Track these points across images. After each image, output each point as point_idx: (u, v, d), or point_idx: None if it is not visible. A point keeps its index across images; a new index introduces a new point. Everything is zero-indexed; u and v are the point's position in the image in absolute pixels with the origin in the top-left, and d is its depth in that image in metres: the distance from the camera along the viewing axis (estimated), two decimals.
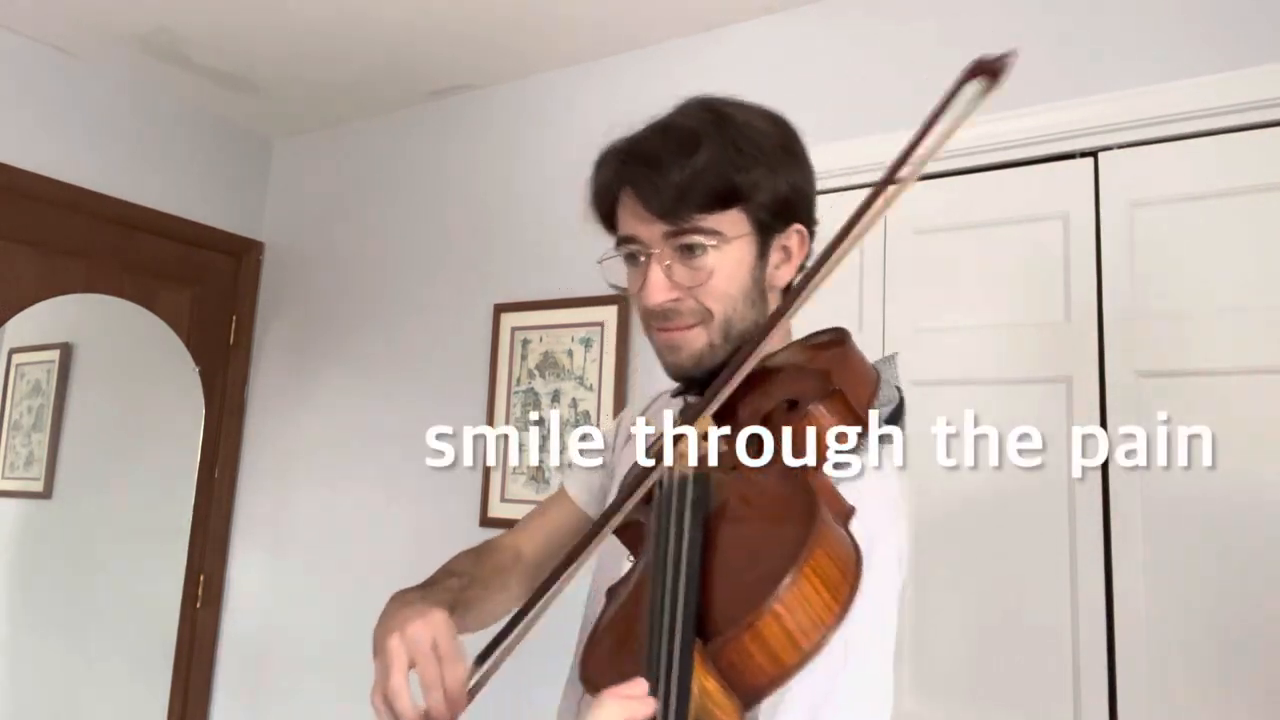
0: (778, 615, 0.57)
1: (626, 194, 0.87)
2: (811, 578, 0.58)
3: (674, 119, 0.89)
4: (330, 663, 2.54)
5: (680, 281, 0.85)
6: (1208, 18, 1.63)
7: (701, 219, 0.83)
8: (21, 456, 2.69)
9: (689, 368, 0.87)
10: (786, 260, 0.91)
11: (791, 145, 0.92)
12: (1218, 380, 1.55)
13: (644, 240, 0.86)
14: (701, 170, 0.81)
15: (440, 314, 2.55)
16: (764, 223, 0.87)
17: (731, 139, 0.84)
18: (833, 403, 0.74)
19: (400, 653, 0.75)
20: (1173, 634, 1.52)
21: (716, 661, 0.58)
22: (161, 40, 2.40)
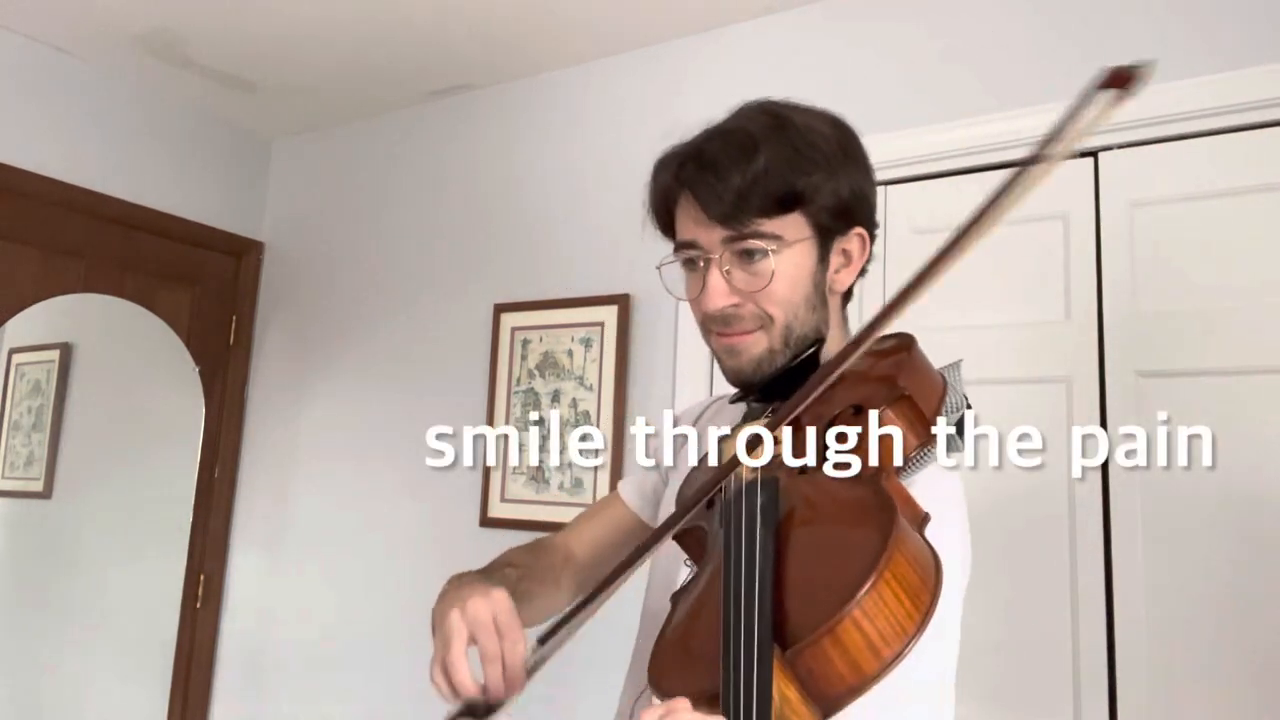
0: (858, 621, 0.56)
1: (685, 198, 0.87)
2: (892, 583, 0.57)
3: (733, 123, 0.88)
4: (330, 662, 2.54)
5: (740, 286, 0.84)
6: (1207, 18, 1.63)
7: (761, 223, 0.82)
8: (21, 456, 2.69)
9: (749, 373, 0.86)
10: (847, 264, 0.90)
11: (851, 148, 0.90)
12: (1218, 380, 1.55)
13: (703, 245, 0.85)
14: (761, 174, 0.81)
15: (440, 314, 2.54)
16: (825, 226, 0.86)
17: (791, 142, 0.84)
18: (900, 408, 0.73)
19: (461, 627, 0.74)
20: (1173, 634, 1.52)
21: (795, 669, 0.57)
22: (162, 40, 2.40)
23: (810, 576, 0.62)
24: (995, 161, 1.80)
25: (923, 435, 0.74)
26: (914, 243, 1.87)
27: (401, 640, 2.40)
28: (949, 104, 1.86)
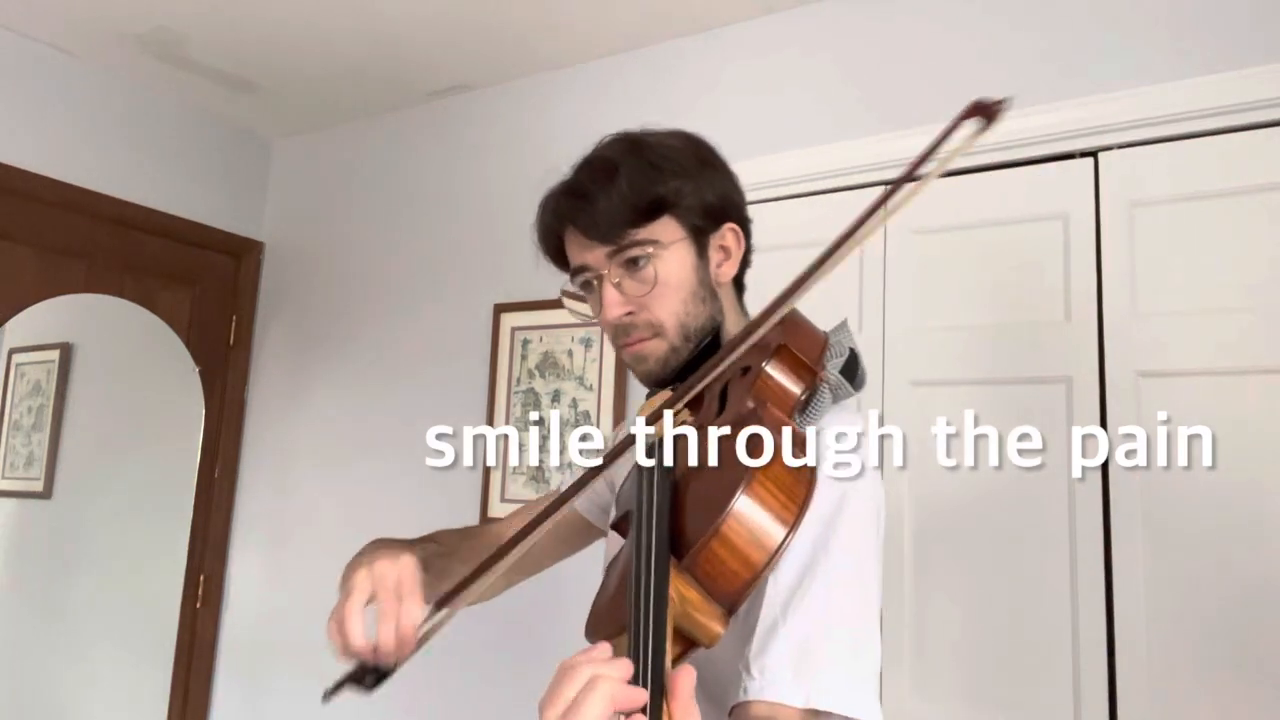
0: (739, 517, 0.64)
1: (569, 230, 0.95)
2: (765, 482, 0.66)
3: (594, 153, 0.97)
4: (330, 662, 2.53)
5: (632, 294, 0.92)
6: (1207, 18, 1.63)
7: (635, 232, 0.90)
8: (21, 456, 2.69)
9: (658, 373, 0.94)
10: (727, 258, 0.99)
11: (706, 156, 0.98)
12: (1218, 380, 1.55)
13: (592, 265, 0.93)
14: (625, 190, 0.89)
15: (440, 314, 2.55)
16: (696, 226, 0.94)
17: (646, 158, 0.92)
18: (780, 357, 0.82)
19: (364, 584, 0.78)
20: (1173, 634, 1.52)
21: (693, 573, 0.64)
22: (161, 40, 2.40)
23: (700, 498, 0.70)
24: (995, 161, 1.80)
25: (808, 379, 0.82)
26: (914, 243, 1.87)
27: None
28: (948, 104, 1.85)
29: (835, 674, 0.72)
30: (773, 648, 0.72)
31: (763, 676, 0.70)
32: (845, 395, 0.86)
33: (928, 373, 1.81)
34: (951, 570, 1.73)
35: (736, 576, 0.64)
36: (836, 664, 0.73)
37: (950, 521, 1.74)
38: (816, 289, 0.92)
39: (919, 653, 1.73)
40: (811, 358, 0.83)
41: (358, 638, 0.76)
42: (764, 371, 0.82)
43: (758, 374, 0.82)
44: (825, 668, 0.72)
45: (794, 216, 2.01)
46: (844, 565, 0.77)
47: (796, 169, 1.98)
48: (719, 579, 0.64)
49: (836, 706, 0.70)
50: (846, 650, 0.74)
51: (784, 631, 0.72)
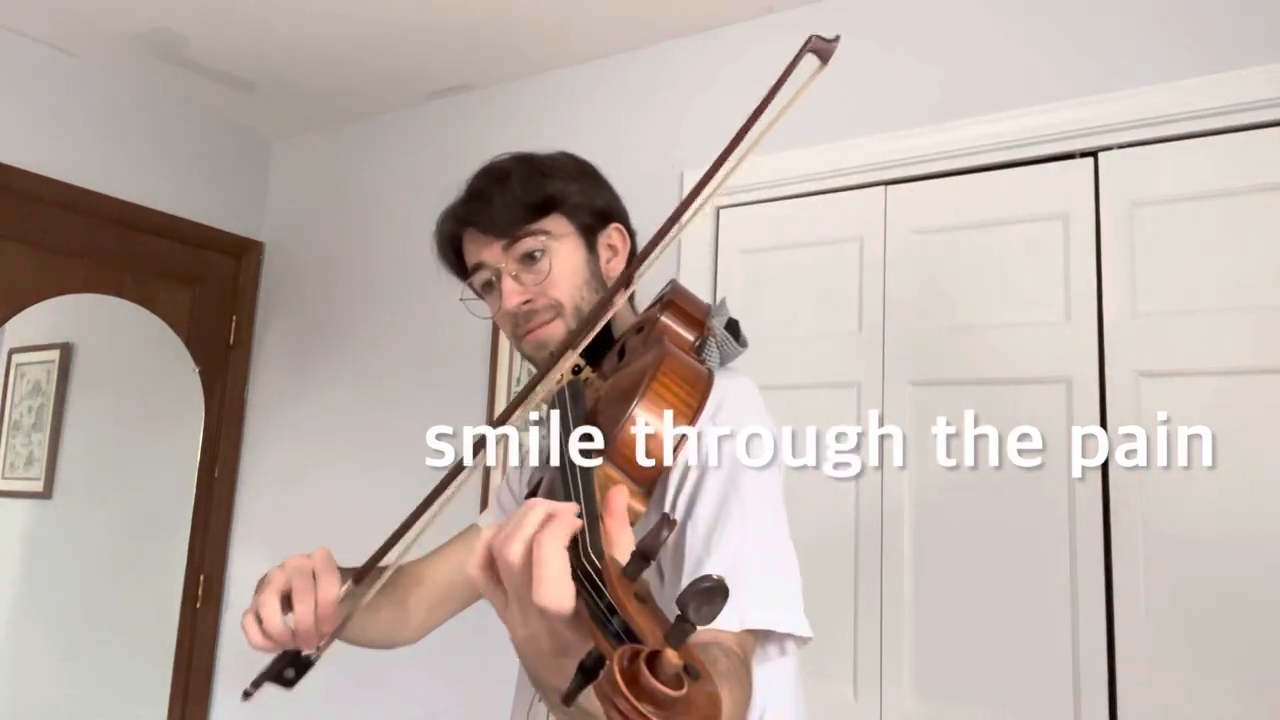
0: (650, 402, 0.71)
1: (468, 233, 1.04)
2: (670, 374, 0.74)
3: (487, 166, 1.07)
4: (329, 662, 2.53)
5: (528, 283, 1.00)
6: (1207, 18, 1.63)
7: (529, 226, 0.99)
8: (21, 456, 2.69)
9: None
10: (615, 255, 1.07)
11: (589, 169, 1.10)
12: (1218, 380, 1.55)
13: (490, 261, 1.01)
14: (516, 190, 1.00)
15: (440, 314, 2.54)
16: (585, 223, 1.03)
17: (535, 165, 1.05)
18: (672, 310, 0.92)
19: (277, 577, 0.81)
20: (1173, 634, 1.52)
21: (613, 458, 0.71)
22: (161, 40, 2.40)
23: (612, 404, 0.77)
24: (995, 161, 1.80)
25: (697, 330, 0.91)
26: (914, 243, 1.87)
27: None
28: (949, 104, 1.86)
29: (763, 595, 0.77)
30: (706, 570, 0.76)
31: None
32: (732, 353, 0.93)
33: (928, 373, 1.81)
34: (951, 570, 1.73)
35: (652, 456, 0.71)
36: (762, 586, 0.78)
37: (950, 521, 1.74)
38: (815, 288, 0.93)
39: (919, 651, 1.73)
40: (700, 313, 0.93)
41: (274, 619, 0.78)
42: (659, 320, 0.91)
43: (654, 323, 0.91)
44: (753, 591, 0.76)
45: (794, 216, 2.02)
46: (755, 496, 0.82)
47: (796, 169, 1.98)
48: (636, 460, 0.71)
49: (768, 623, 0.76)
50: (770, 573, 0.80)
51: (709, 565, 0.77)
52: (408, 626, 1.10)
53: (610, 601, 0.48)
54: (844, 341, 1.90)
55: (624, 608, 0.46)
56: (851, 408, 1.87)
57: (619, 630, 0.46)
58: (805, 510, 1.86)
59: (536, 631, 0.52)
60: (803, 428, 1.99)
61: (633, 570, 0.49)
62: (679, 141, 2.18)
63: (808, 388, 1.92)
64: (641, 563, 0.49)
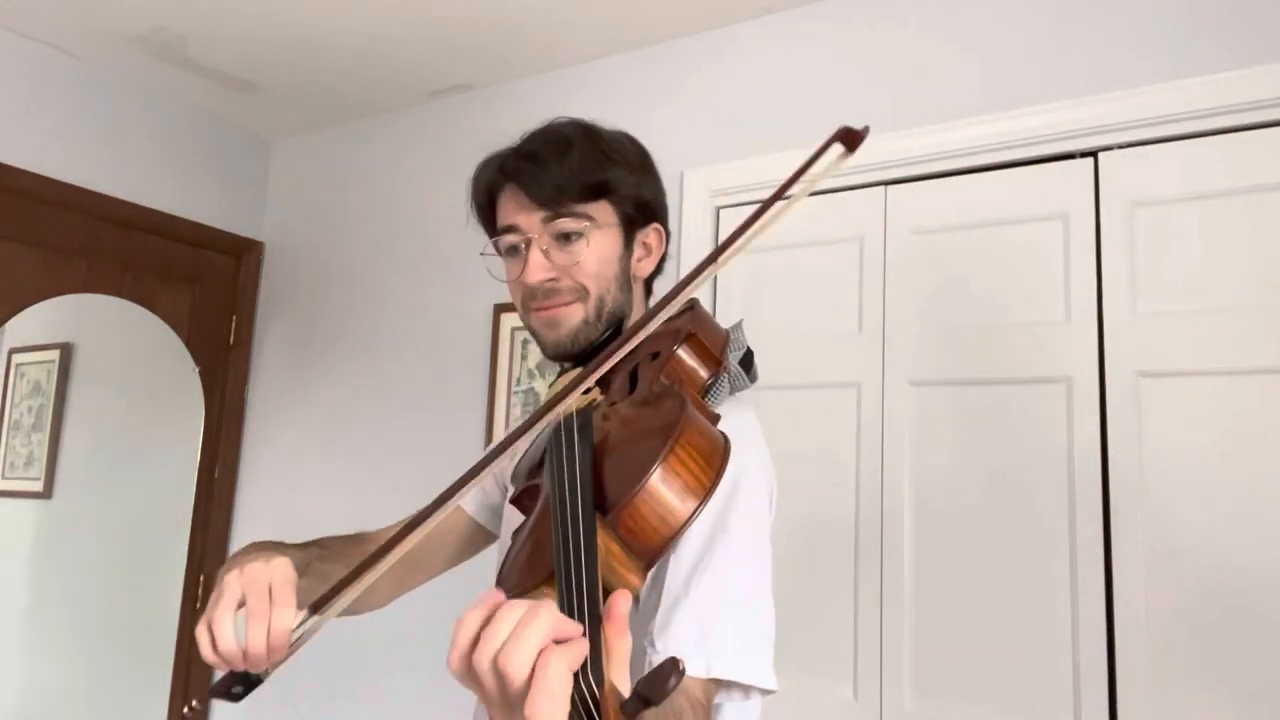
0: (663, 478, 0.67)
1: (509, 189, 0.98)
2: (687, 447, 0.69)
3: (549, 126, 1.00)
4: (329, 662, 2.54)
5: (557, 263, 0.95)
6: (1208, 18, 1.63)
7: (575, 207, 0.94)
8: (21, 456, 2.69)
9: (566, 344, 0.97)
10: (648, 254, 1.03)
11: (647, 160, 1.04)
12: (1218, 380, 1.55)
13: (524, 228, 0.96)
14: (575, 165, 0.94)
15: (440, 314, 2.55)
16: (629, 216, 0.99)
17: (598, 144, 0.98)
18: (690, 344, 0.88)
19: (235, 587, 0.77)
20: (1173, 634, 1.52)
21: (616, 529, 0.66)
22: (161, 40, 2.40)
23: (623, 461, 0.73)
24: (995, 161, 1.80)
25: (712, 367, 0.88)
26: (914, 243, 1.87)
27: (401, 640, 2.40)
28: (949, 104, 1.86)
29: (734, 644, 0.76)
30: (675, 622, 0.76)
31: (667, 649, 0.74)
32: (741, 387, 0.91)
33: (928, 373, 1.81)
34: (951, 570, 1.73)
35: (656, 533, 0.67)
36: (735, 635, 0.77)
37: (950, 521, 1.74)
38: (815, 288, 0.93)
39: (919, 651, 1.73)
40: (717, 347, 0.89)
41: (227, 641, 0.75)
42: (675, 355, 0.87)
43: (669, 356, 0.86)
44: (725, 639, 0.76)
45: (794, 216, 2.01)
46: (741, 542, 0.81)
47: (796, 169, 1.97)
48: (640, 535, 0.67)
49: (734, 674, 0.75)
50: (744, 622, 0.79)
51: (686, 606, 0.76)
52: (374, 597, 1.09)
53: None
54: (844, 341, 1.90)
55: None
56: (851, 408, 1.87)
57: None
58: (806, 510, 1.87)
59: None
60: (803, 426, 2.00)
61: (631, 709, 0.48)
62: (679, 142, 2.18)
63: (808, 388, 1.92)
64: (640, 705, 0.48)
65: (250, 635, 0.75)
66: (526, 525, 0.81)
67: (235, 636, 0.75)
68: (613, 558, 0.66)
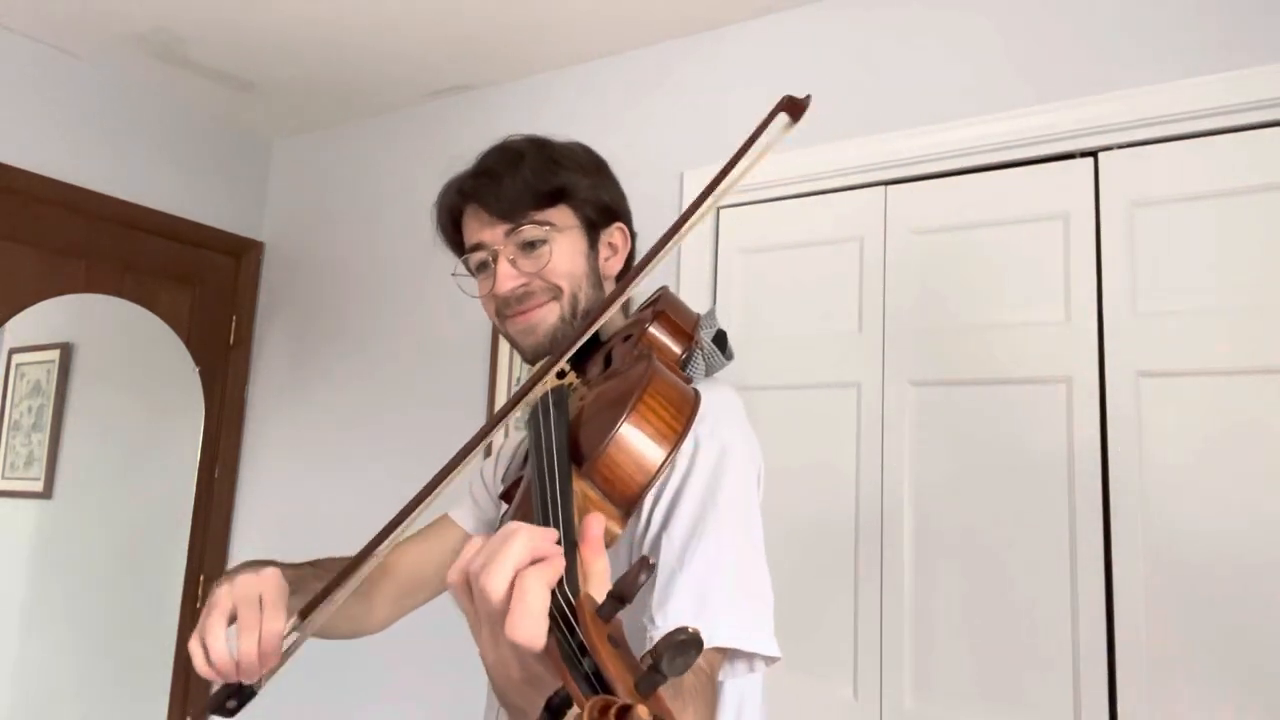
0: (635, 424, 0.70)
1: (470, 208, 1.02)
2: (656, 395, 0.72)
3: (501, 143, 1.05)
4: (329, 663, 2.53)
5: (525, 269, 0.98)
6: (1208, 18, 1.63)
7: (534, 214, 0.98)
8: (21, 456, 2.69)
9: (546, 346, 0.98)
10: (614, 253, 1.05)
11: (602, 165, 1.07)
12: (1218, 380, 1.55)
13: (489, 242, 0.99)
14: (529, 175, 0.98)
15: (440, 314, 2.54)
16: (589, 219, 1.01)
17: (550, 153, 1.01)
18: (661, 321, 0.91)
19: (225, 600, 0.78)
20: (1173, 634, 1.52)
21: (592, 478, 0.69)
22: (161, 40, 2.40)
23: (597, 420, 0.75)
24: (995, 161, 1.80)
25: (684, 342, 0.91)
26: (914, 243, 1.87)
27: (401, 640, 2.40)
28: (949, 104, 1.86)
29: (733, 613, 0.77)
30: (673, 596, 0.76)
31: (666, 623, 0.75)
32: (718, 366, 0.93)
33: (928, 373, 1.81)
34: (951, 570, 1.73)
35: (632, 480, 0.69)
36: (733, 604, 0.77)
37: (950, 521, 1.74)
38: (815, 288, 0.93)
39: (919, 651, 1.73)
40: (688, 325, 0.92)
41: (220, 653, 0.76)
42: (647, 331, 0.89)
43: (641, 333, 0.89)
44: (723, 608, 0.76)
45: (794, 216, 2.02)
46: (731, 514, 0.81)
47: (796, 169, 1.98)
48: (616, 483, 0.69)
49: (737, 642, 0.75)
50: (741, 591, 0.79)
51: (682, 580, 0.76)
52: (373, 618, 1.10)
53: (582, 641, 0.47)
54: (844, 341, 1.90)
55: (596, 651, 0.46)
56: (851, 408, 1.87)
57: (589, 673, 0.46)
58: (806, 511, 1.87)
59: (506, 658, 0.52)
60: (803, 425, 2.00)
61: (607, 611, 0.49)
62: (679, 141, 2.18)
63: (808, 388, 1.92)
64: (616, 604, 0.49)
65: (241, 644, 0.76)
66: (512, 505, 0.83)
67: (228, 648, 0.75)
68: (590, 503, 0.67)
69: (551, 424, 0.76)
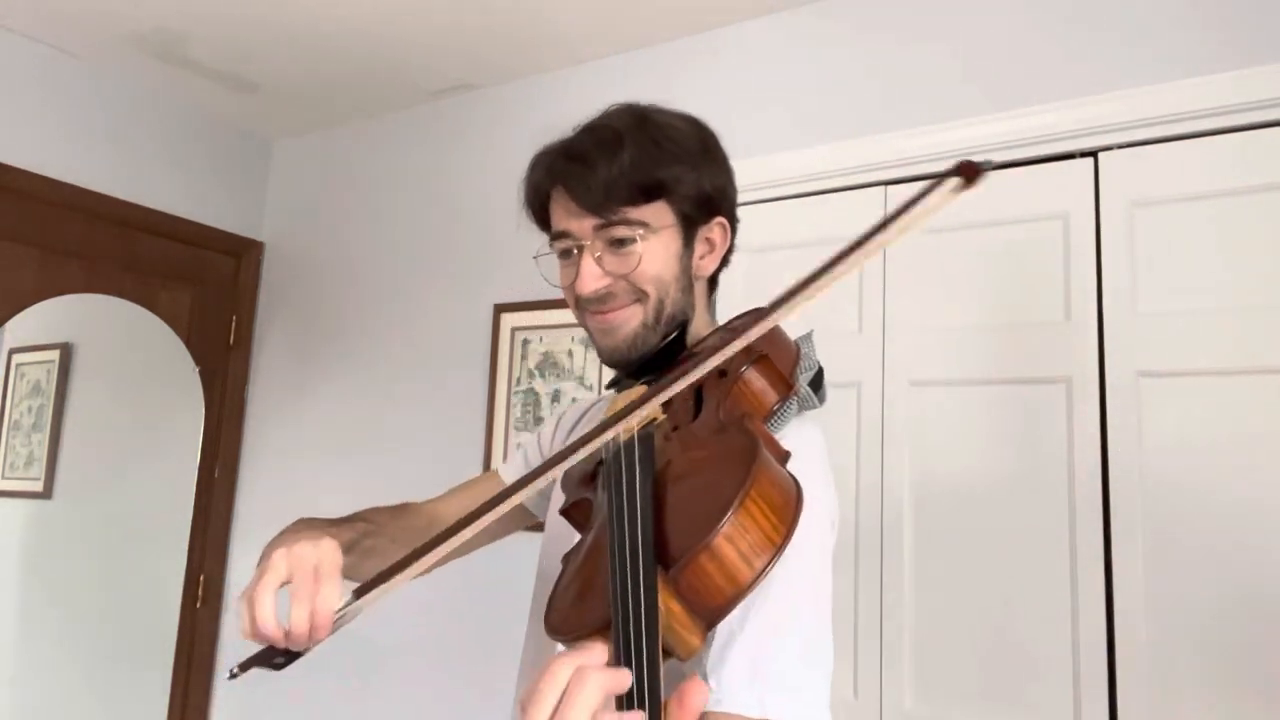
0: (730, 536, 0.62)
1: (558, 192, 0.92)
2: (758, 500, 0.63)
3: (600, 120, 0.94)
4: (329, 662, 2.53)
5: (611, 270, 0.90)
6: (1208, 17, 1.63)
7: (628, 211, 0.88)
8: (21, 456, 2.69)
9: (624, 350, 0.92)
10: (710, 251, 0.97)
11: (710, 146, 0.96)
12: (1218, 380, 1.55)
13: (576, 234, 0.91)
14: (626, 166, 0.87)
15: (440, 314, 2.55)
16: (688, 215, 0.92)
17: (653, 137, 0.90)
18: (760, 366, 0.81)
19: (280, 565, 0.75)
20: (1173, 634, 1.52)
21: (678, 586, 0.62)
22: (161, 40, 2.40)
23: (687, 506, 0.67)
24: (996, 161, 1.80)
25: (782, 390, 0.82)
26: (914, 243, 1.87)
27: (402, 640, 2.40)
28: (949, 104, 1.86)
29: (789, 683, 0.72)
30: (730, 659, 0.72)
31: (720, 688, 0.71)
32: (809, 408, 0.86)
33: (928, 373, 1.81)
34: (951, 570, 1.73)
35: (721, 593, 0.62)
36: (790, 673, 0.73)
37: (950, 521, 1.74)
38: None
39: (919, 652, 1.73)
40: (787, 369, 0.83)
41: (268, 621, 0.73)
42: (743, 378, 0.81)
43: (736, 379, 0.80)
44: (779, 678, 0.72)
45: (794, 216, 2.02)
46: (799, 575, 0.75)
47: (797, 169, 1.98)
48: (703, 594, 0.62)
49: (789, 715, 0.71)
50: (800, 659, 0.75)
51: (740, 642, 0.72)
52: None
53: None
54: (844, 341, 1.90)
55: None
56: (851, 408, 1.87)
57: None
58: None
59: None
60: None
61: None
62: None
63: None
64: None
65: (294, 615, 0.73)
66: (579, 554, 0.77)
67: (277, 616, 0.73)
68: (673, 619, 0.61)
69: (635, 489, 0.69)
